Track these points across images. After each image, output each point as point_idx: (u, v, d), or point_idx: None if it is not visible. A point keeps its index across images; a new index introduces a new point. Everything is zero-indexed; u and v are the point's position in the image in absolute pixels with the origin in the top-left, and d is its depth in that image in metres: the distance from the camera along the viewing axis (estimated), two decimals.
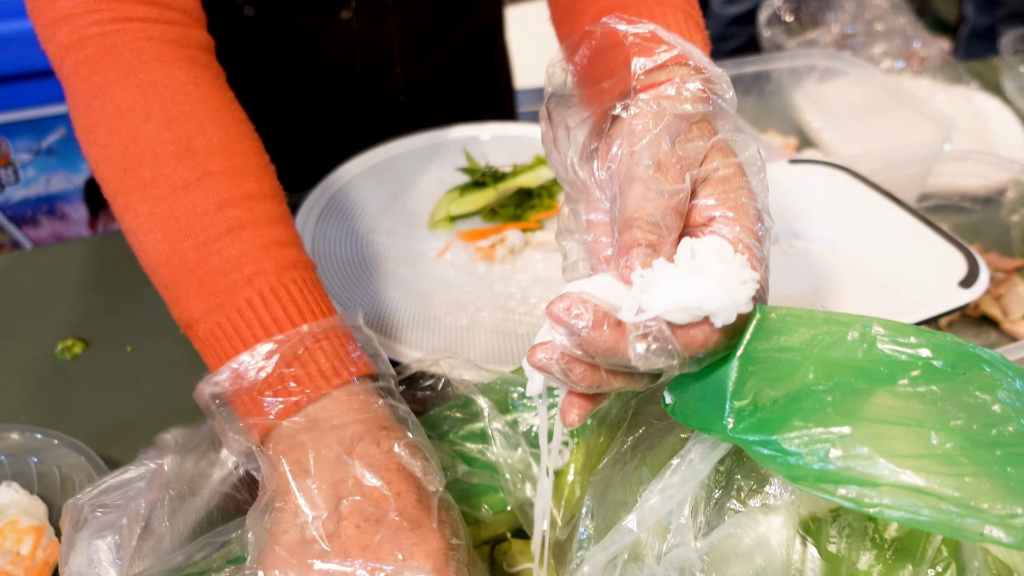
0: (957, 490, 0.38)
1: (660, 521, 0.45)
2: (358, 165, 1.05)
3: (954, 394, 0.41)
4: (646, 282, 0.42)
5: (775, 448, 0.40)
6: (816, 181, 0.81)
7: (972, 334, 0.91)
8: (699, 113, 0.48)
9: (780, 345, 0.42)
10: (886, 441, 0.39)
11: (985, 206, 1.02)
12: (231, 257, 0.56)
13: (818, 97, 1.17)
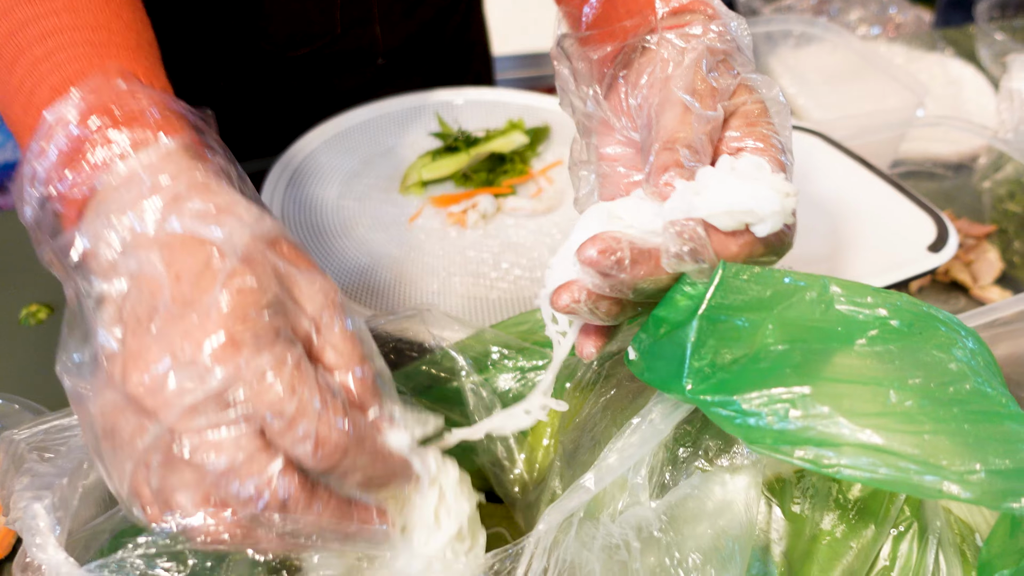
0: (916, 448, 0.38)
1: (621, 480, 0.45)
2: (329, 129, 1.03)
3: (911, 353, 0.41)
4: (697, 186, 0.43)
5: (734, 409, 0.40)
6: None
7: (942, 300, 0.92)
8: (724, 51, 0.49)
9: (740, 304, 0.42)
10: (845, 400, 0.39)
11: (957, 173, 1.02)
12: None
13: (793, 63, 1.17)
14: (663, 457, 0.46)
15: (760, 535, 0.46)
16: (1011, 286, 0.92)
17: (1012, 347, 0.68)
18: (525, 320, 0.67)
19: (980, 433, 0.39)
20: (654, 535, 0.41)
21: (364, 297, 0.81)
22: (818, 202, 0.74)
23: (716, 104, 0.47)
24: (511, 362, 0.64)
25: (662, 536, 0.41)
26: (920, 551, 0.47)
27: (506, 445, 0.62)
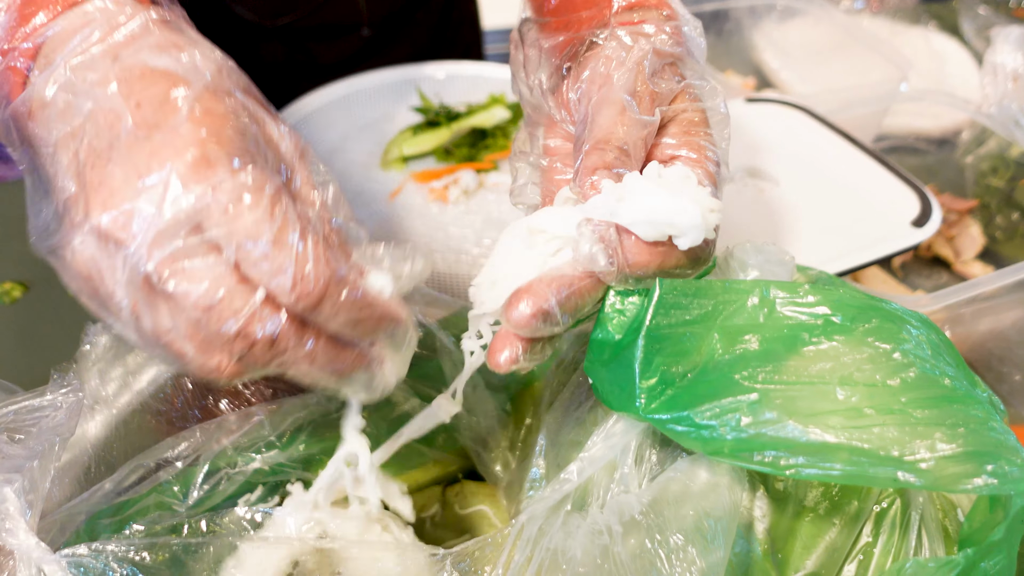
0: (866, 441, 0.38)
1: (607, 468, 0.45)
2: (309, 104, 1.02)
3: (856, 347, 0.41)
4: (621, 192, 0.42)
5: (688, 424, 0.40)
6: (773, 120, 0.81)
7: (924, 275, 0.92)
8: (673, 54, 0.48)
9: (683, 319, 0.42)
10: (794, 402, 0.40)
11: (940, 147, 1.02)
12: None
13: (777, 37, 1.16)
14: (650, 443, 0.45)
15: (744, 513, 0.46)
16: (993, 261, 0.92)
17: (994, 322, 0.68)
18: None
19: (928, 419, 0.39)
20: (635, 518, 0.41)
21: None
22: (802, 177, 0.74)
23: (654, 108, 0.46)
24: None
25: (643, 519, 0.41)
26: (903, 528, 0.47)
27: (489, 424, 0.61)
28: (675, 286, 0.42)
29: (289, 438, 0.58)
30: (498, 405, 0.62)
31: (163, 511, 0.53)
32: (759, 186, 0.73)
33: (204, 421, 0.57)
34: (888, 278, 0.87)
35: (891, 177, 0.73)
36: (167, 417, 0.58)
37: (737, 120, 0.80)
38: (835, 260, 0.64)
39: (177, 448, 0.55)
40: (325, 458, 0.60)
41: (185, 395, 0.59)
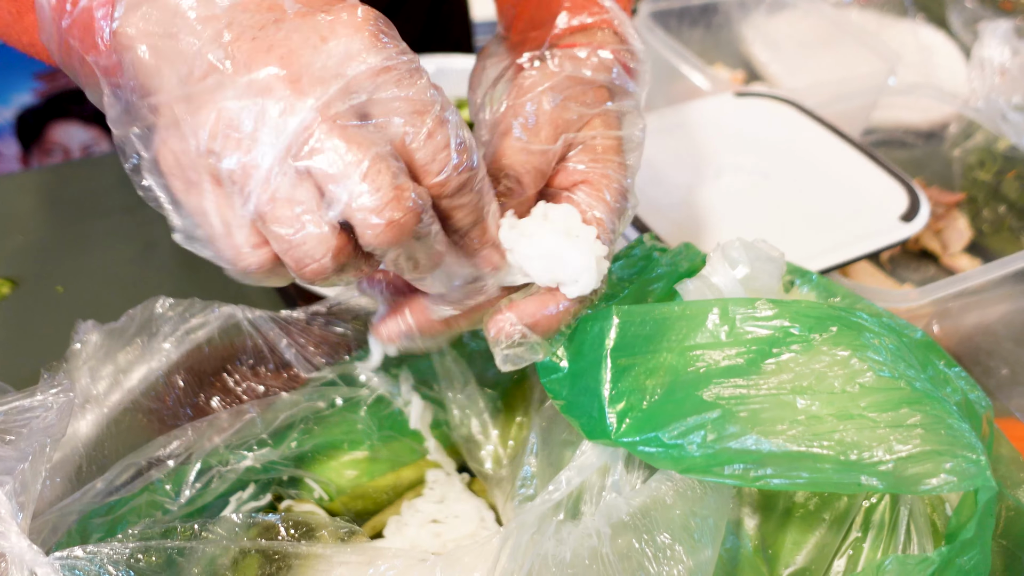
0: (827, 448, 0.39)
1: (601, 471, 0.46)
2: None
3: (814, 357, 0.42)
4: (516, 247, 0.44)
5: (657, 444, 0.41)
6: (761, 114, 0.81)
7: (912, 268, 0.92)
8: (597, 81, 0.48)
9: (645, 343, 0.43)
10: (757, 415, 0.41)
11: (928, 141, 1.02)
12: None
13: (766, 30, 1.16)
14: None
15: (734, 510, 0.46)
16: (980, 254, 0.92)
17: (981, 316, 0.69)
18: None
19: (885, 422, 0.40)
20: (623, 520, 0.41)
21: None
22: (790, 171, 0.74)
23: (557, 136, 0.46)
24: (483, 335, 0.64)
25: (631, 520, 0.41)
26: (891, 522, 0.47)
27: (480, 421, 0.62)
28: (631, 312, 0.44)
29: (281, 435, 0.58)
30: (489, 402, 0.62)
31: (155, 510, 0.53)
32: (748, 181, 0.73)
33: (196, 419, 0.57)
34: (877, 272, 0.87)
35: (880, 172, 0.74)
36: (158, 415, 0.58)
37: (726, 115, 0.81)
38: (824, 255, 0.64)
39: (169, 446, 0.55)
40: (317, 455, 0.60)
41: (176, 393, 0.59)
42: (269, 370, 0.61)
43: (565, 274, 0.43)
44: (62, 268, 0.84)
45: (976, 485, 0.39)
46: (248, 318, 0.60)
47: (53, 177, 0.97)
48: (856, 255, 0.65)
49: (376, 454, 0.61)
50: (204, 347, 0.59)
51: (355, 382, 0.61)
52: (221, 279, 0.86)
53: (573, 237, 0.44)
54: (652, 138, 0.77)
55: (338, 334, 0.62)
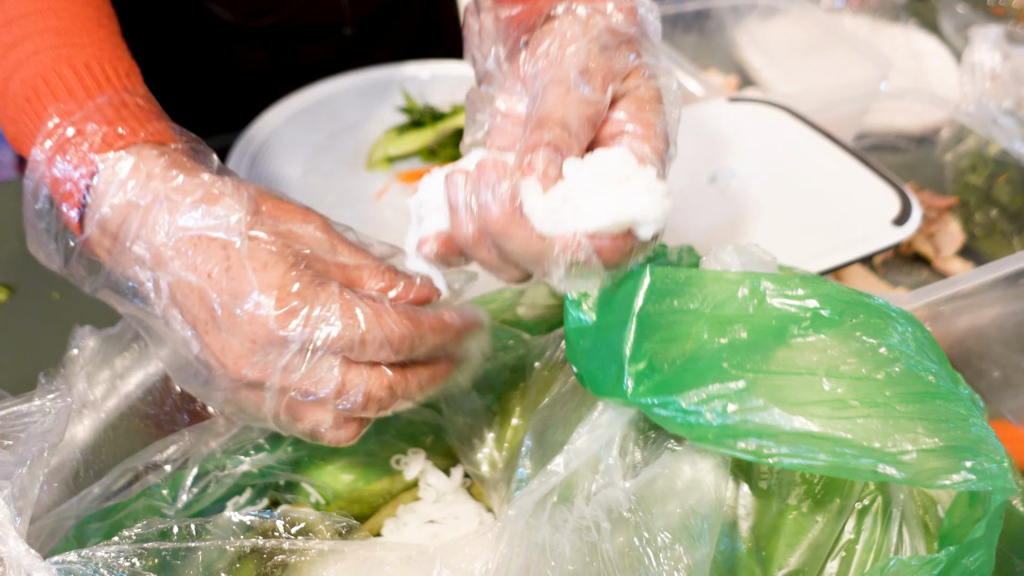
0: (850, 432, 0.39)
1: (591, 461, 0.45)
2: (293, 104, 1.02)
3: (843, 341, 0.42)
4: (567, 191, 0.43)
5: (675, 408, 0.41)
6: (754, 120, 0.81)
7: (905, 272, 0.93)
8: (628, 33, 0.49)
9: (673, 307, 0.43)
10: (780, 391, 0.40)
11: (920, 145, 1.03)
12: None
13: (759, 35, 1.17)
14: (634, 437, 0.46)
15: (728, 511, 0.47)
16: (973, 258, 0.93)
17: (973, 319, 0.69)
18: (493, 299, 0.67)
19: (911, 413, 0.40)
20: (623, 515, 0.41)
21: None
22: (783, 176, 0.74)
23: (607, 86, 0.47)
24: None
25: (631, 516, 0.41)
26: (884, 524, 0.47)
27: (477, 424, 0.62)
28: (665, 274, 0.43)
29: (277, 440, 0.58)
30: (485, 405, 0.62)
31: (152, 515, 0.53)
32: (741, 186, 0.74)
33: (192, 424, 0.57)
34: (869, 275, 0.88)
35: (872, 176, 0.74)
36: (156, 420, 0.58)
37: (719, 120, 0.81)
38: (816, 259, 0.65)
39: (166, 451, 0.55)
40: (313, 459, 0.60)
41: (174, 398, 0.59)
42: None
43: (634, 212, 0.42)
44: (58, 275, 0.84)
45: (996, 486, 0.39)
46: None
47: None
48: (848, 259, 0.65)
49: (372, 458, 0.61)
50: None
51: None
52: None
53: (635, 178, 0.44)
54: None
55: None
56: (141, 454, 0.54)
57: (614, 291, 0.44)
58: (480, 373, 0.54)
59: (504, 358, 0.64)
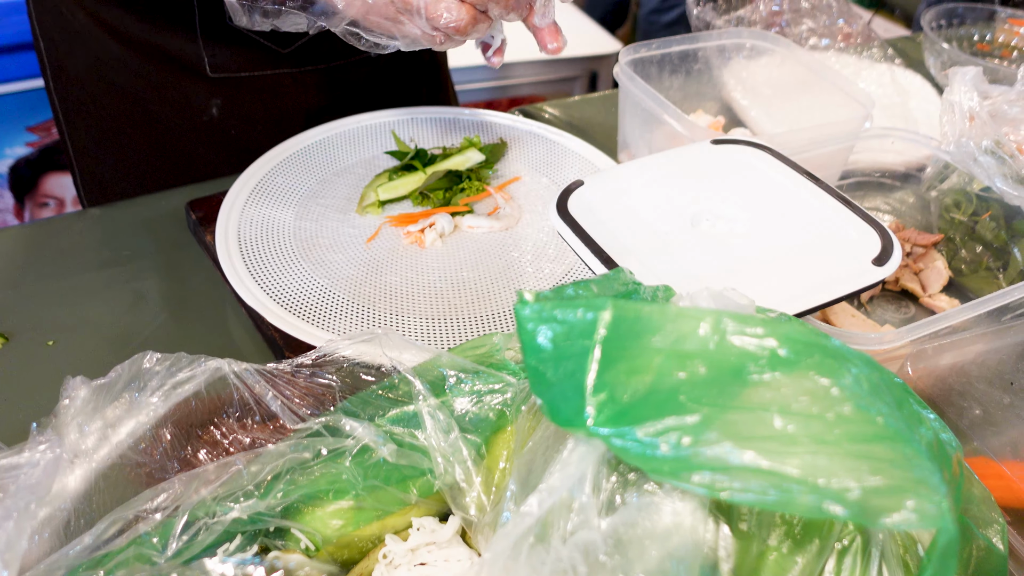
0: (797, 468, 0.40)
1: (565, 499, 0.46)
2: (284, 150, 1.03)
3: (797, 380, 0.43)
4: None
5: (631, 439, 0.42)
6: (738, 161, 0.83)
7: (893, 308, 0.94)
8: None
9: (635, 340, 0.44)
10: (733, 426, 0.42)
11: (905, 182, 1.04)
12: None
13: (745, 76, 1.19)
14: (606, 473, 0.47)
15: (709, 553, 0.47)
16: (959, 294, 0.94)
17: (956, 356, 0.70)
18: (481, 344, 0.68)
19: (857, 453, 0.41)
20: (600, 559, 0.42)
21: (323, 320, 0.81)
22: (766, 217, 0.75)
23: None
24: (467, 385, 0.65)
25: (608, 559, 0.42)
26: (864, 563, 0.48)
27: (464, 468, 0.62)
28: (628, 307, 0.45)
29: (267, 487, 0.59)
30: (473, 450, 0.63)
31: (143, 563, 0.54)
32: (725, 228, 0.75)
33: (183, 472, 0.58)
34: (856, 313, 0.89)
35: (853, 216, 0.75)
36: (146, 469, 0.59)
37: (703, 162, 0.82)
38: (798, 299, 0.66)
39: (156, 499, 0.56)
40: (303, 505, 0.61)
41: (164, 446, 0.60)
42: (255, 422, 0.62)
43: None
44: (53, 322, 0.86)
45: (935, 526, 0.40)
46: (234, 371, 0.61)
47: (45, 231, 0.98)
48: (827, 299, 0.66)
49: (361, 503, 0.61)
50: (191, 400, 0.60)
51: (340, 432, 0.62)
52: (208, 332, 0.87)
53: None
54: (632, 187, 0.79)
55: (323, 385, 0.63)
56: (132, 503, 0.55)
57: (574, 321, 0.45)
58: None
59: (491, 402, 0.64)
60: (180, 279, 0.92)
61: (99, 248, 0.95)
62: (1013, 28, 1.42)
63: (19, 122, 1.86)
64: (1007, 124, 0.87)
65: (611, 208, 0.76)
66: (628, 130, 1.10)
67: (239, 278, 0.84)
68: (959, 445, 0.53)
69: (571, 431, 0.46)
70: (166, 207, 1.02)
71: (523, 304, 0.46)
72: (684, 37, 1.16)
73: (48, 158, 1.93)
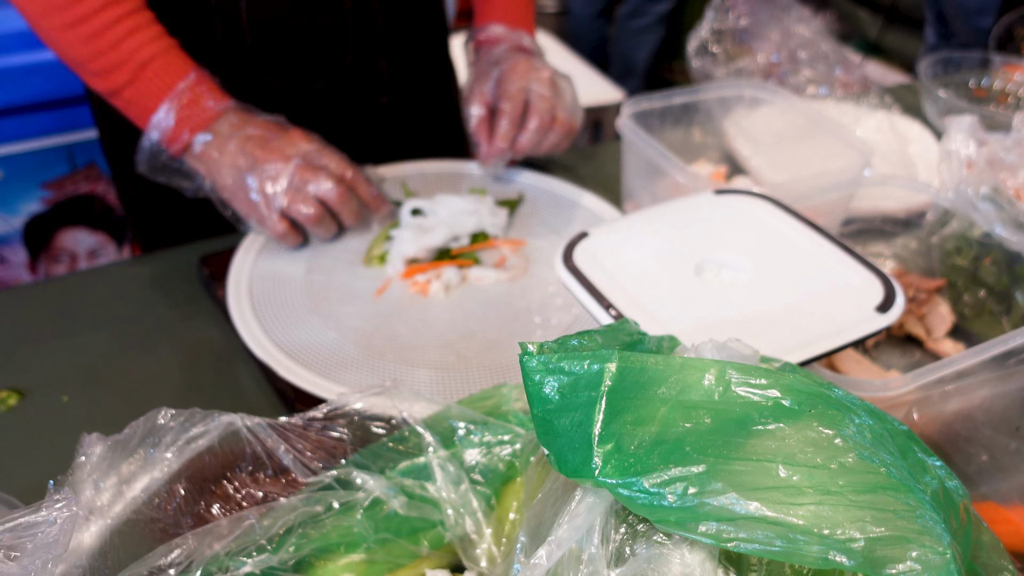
0: (802, 519, 0.41)
1: (574, 551, 0.47)
2: None
3: (801, 431, 0.44)
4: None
5: (638, 489, 0.43)
6: (740, 211, 0.84)
7: (898, 354, 0.94)
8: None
9: (641, 391, 0.45)
10: (738, 476, 0.42)
11: (906, 228, 1.05)
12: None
13: (746, 125, 1.21)
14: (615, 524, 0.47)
15: None
16: (963, 338, 0.95)
17: (961, 403, 0.71)
18: (490, 395, 0.68)
19: (861, 503, 0.42)
20: None
21: (334, 372, 0.82)
22: (768, 266, 0.77)
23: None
24: (477, 437, 0.66)
25: None
26: None
27: (475, 520, 0.63)
28: (633, 358, 0.45)
29: (279, 541, 0.59)
30: (483, 501, 0.63)
31: None
32: (729, 278, 0.76)
33: (197, 527, 0.58)
34: (862, 359, 0.89)
35: (855, 264, 0.76)
36: (161, 524, 0.59)
37: (706, 213, 0.84)
38: (802, 348, 0.67)
39: (170, 555, 0.56)
40: (315, 559, 0.61)
41: (178, 502, 0.60)
42: (268, 476, 0.63)
43: None
44: (68, 378, 0.87)
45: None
46: (247, 426, 0.62)
47: (58, 288, 1.00)
48: (830, 348, 0.67)
49: (373, 556, 0.62)
50: (205, 456, 0.61)
51: (351, 485, 0.62)
52: (221, 386, 0.88)
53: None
54: (637, 238, 0.80)
55: (334, 439, 0.64)
56: (146, 559, 0.55)
57: (580, 373, 0.46)
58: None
59: (501, 453, 0.65)
60: (193, 333, 0.93)
61: (111, 304, 0.97)
62: (1008, 74, 1.44)
63: (34, 179, 1.90)
64: (1004, 170, 0.88)
65: (616, 259, 0.77)
66: (632, 181, 1.12)
67: (250, 332, 0.85)
68: (966, 492, 0.53)
69: (579, 481, 0.47)
70: (179, 262, 1.03)
71: (528, 356, 0.47)
72: (685, 89, 1.18)
73: (62, 214, 1.96)
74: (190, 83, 0.93)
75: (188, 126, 0.93)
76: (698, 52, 1.37)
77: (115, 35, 0.90)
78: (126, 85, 0.93)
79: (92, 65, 0.92)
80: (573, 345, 0.50)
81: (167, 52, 0.94)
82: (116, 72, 0.92)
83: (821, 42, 1.37)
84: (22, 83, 1.72)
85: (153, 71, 0.92)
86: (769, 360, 0.58)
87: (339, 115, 1.15)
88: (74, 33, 0.90)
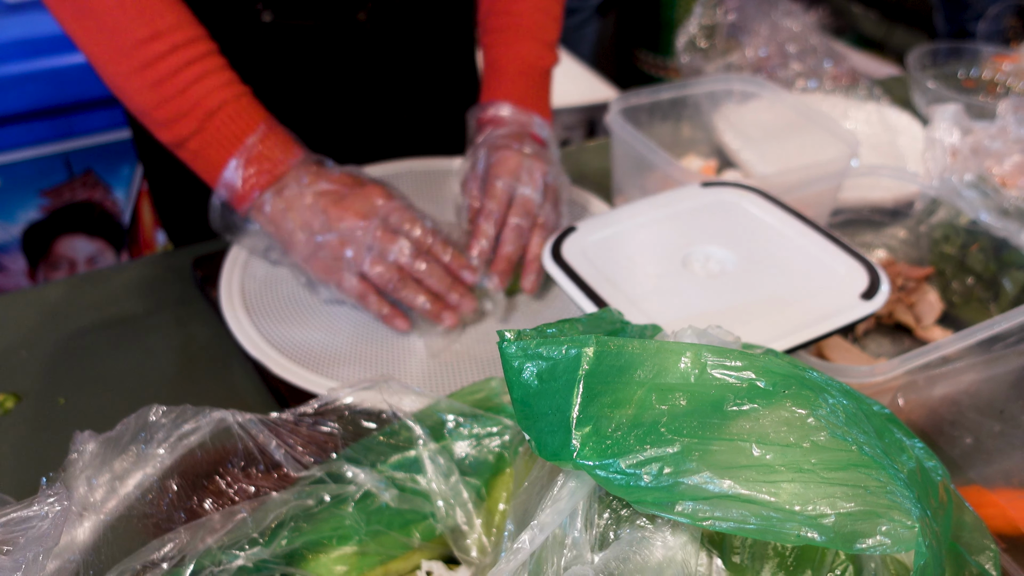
0: (774, 496, 0.42)
1: (557, 535, 0.47)
2: None
3: (775, 411, 0.45)
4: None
5: (615, 471, 0.44)
6: (727, 202, 0.85)
7: (888, 341, 0.95)
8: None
9: (618, 374, 0.46)
10: (712, 456, 0.43)
11: (894, 217, 1.06)
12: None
13: (735, 119, 1.21)
14: (598, 508, 0.48)
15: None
16: (952, 325, 0.95)
17: (947, 387, 0.71)
18: (479, 389, 0.69)
19: (832, 480, 0.43)
20: None
21: (325, 368, 0.83)
22: (755, 256, 0.77)
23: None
24: (466, 429, 0.66)
25: None
26: None
27: (465, 511, 0.64)
28: (609, 342, 0.46)
29: (272, 534, 0.60)
30: (474, 492, 0.64)
31: None
32: (716, 268, 0.77)
33: (189, 522, 0.59)
34: (852, 347, 0.90)
35: (841, 252, 0.77)
36: (153, 520, 0.60)
37: (692, 204, 0.85)
38: (787, 336, 0.67)
39: (163, 549, 0.57)
40: (307, 552, 0.62)
41: (170, 497, 0.61)
42: (260, 471, 0.64)
43: None
44: (64, 380, 0.87)
45: (909, 549, 0.41)
46: (239, 421, 0.62)
47: (55, 293, 1.01)
48: (815, 335, 0.68)
49: (365, 548, 0.63)
50: (197, 451, 0.61)
51: (342, 479, 0.63)
52: (215, 384, 0.89)
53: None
54: (624, 230, 0.81)
55: (325, 433, 0.65)
56: (139, 553, 0.56)
57: (560, 360, 0.47)
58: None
59: (490, 444, 0.66)
60: (187, 334, 0.94)
61: (107, 307, 0.98)
62: (997, 64, 1.45)
63: (32, 187, 1.91)
64: (990, 158, 0.89)
65: (604, 251, 0.78)
66: (621, 176, 1.12)
67: (243, 330, 0.86)
68: (946, 472, 0.54)
69: (558, 464, 0.48)
70: (172, 265, 1.04)
71: (507, 343, 0.48)
72: (674, 84, 1.19)
73: (61, 221, 1.97)
74: (259, 136, 0.87)
75: (256, 183, 0.87)
76: (687, 48, 1.37)
77: (182, 81, 0.84)
78: (192, 135, 0.86)
79: (157, 114, 0.86)
80: (552, 332, 0.51)
81: (237, 100, 0.87)
82: (182, 121, 0.86)
83: (810, 36, 1.37)
84: (19, 91, 1.73)
85: (221, 120, 0.86)
86: (751, 347, 0.59)
87: (317, 36, 1.07)
88: (140, 79, 0.84)
